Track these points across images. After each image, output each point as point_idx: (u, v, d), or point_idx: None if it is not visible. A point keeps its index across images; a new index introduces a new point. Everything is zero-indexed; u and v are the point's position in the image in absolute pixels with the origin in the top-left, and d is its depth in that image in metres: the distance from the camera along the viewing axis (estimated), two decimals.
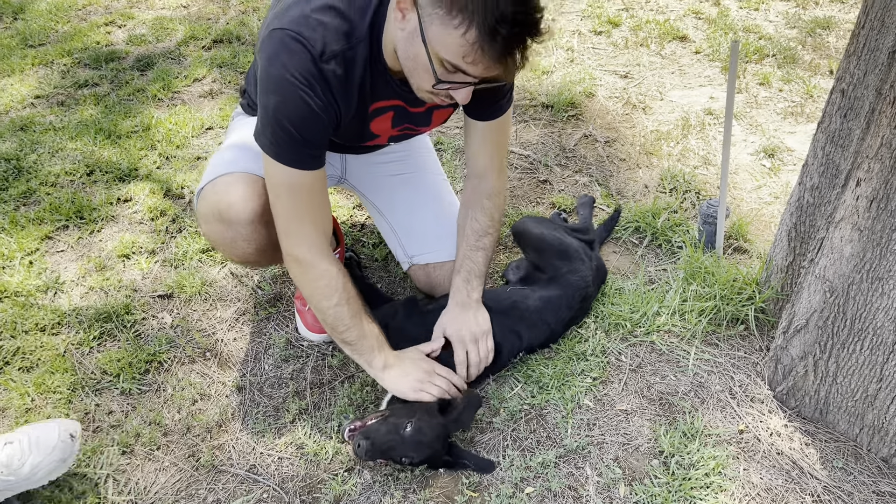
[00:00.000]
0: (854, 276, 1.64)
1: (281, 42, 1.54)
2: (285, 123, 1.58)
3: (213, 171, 1.86)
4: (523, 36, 1.37)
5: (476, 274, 1.95)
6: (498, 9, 1.32)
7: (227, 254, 1.89)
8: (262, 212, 1.78)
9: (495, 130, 1.90)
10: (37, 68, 3.73)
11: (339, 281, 1.76)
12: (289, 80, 1.54)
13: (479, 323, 1.93)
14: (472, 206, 1.97)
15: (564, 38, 3.86)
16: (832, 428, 1.87)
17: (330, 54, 1.55)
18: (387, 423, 1.73)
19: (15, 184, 2.81)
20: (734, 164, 2.88)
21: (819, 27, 3.90)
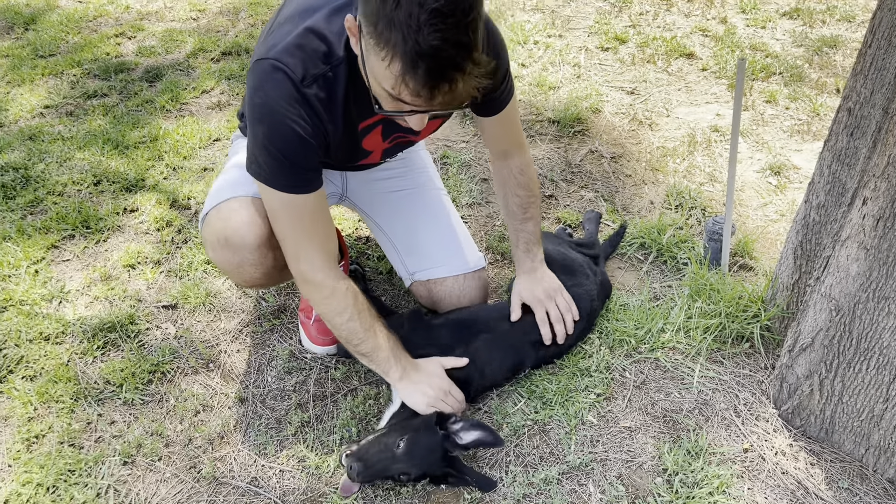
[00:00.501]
0: (860, 295, 1.64)
1: (263, 71, 1.55)
2: (274, 150, 1.59)
3: (217, 195, 1.86)
4: (445, 71, 1.33)
5: (533, 242, 2.08)
6: (419, 44, 1.28)
7: (234, 279, 1.90)
8: (268, 236, 1.78)
9: (505, 117, 1.94)
10: (47, 78, 3.75)
11: (349, 297, 1.76)
12: (273, 109, 1.55)
13: (549, 281, 2.07)
14: (508, 184, 2.04)
15: (571, 55, 3.87)
16: (838, 448, 1.85)
17: (311, 78, 1.55)
18: (379, 442, 1.72)
19: (23, 193, 2.83)
20: (740, 182, 2.87)
21: (826, 46, 3.91)
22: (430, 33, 1.27)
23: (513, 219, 2.08)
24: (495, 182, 2.11)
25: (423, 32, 1.27)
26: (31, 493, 1.77)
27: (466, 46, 1.32)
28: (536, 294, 2.03)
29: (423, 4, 1.26)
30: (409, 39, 1.28)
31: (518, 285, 2.07)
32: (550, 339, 2.01)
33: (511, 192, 2.05)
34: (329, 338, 2.13)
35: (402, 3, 1.26)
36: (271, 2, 4.62)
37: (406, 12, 1.26)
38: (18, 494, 1.77)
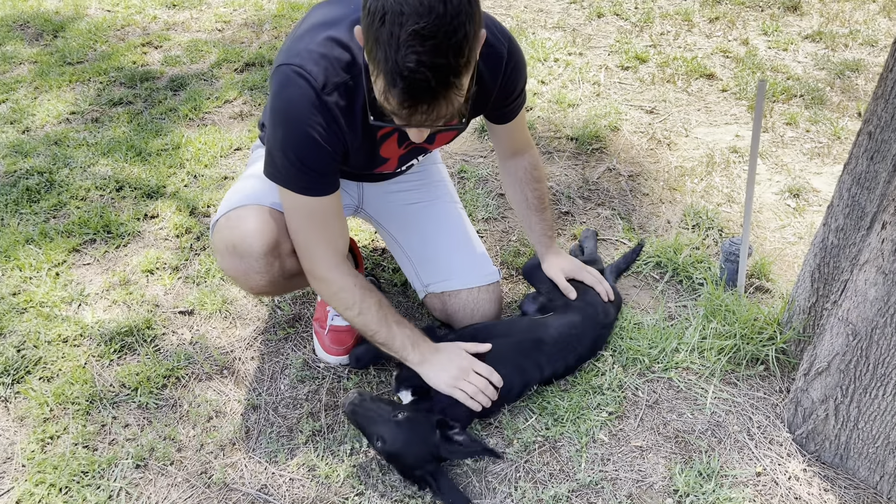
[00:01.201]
0: (878, 319, 1.62)
1: (286, 77, 1.59)
2: (291, 155, 1.62)
3: (228, 203, 1.89)
4: (420, 93, 1.33)
5: (553, 229, 2.24)
6: (397, 63, 1.29)
7: (241, 286, 1.92)
8: (275, 244, 1.81)
9: (517, 123, 2.03)
10: (74, 85, 3.82)
11: (356, 292, 1.80)
12: (293, 114, 1.59)
13: (575, 259, 2.26)
14: (523, 179, 2.14)
15: (591, 73, 3.88)
16: (852, 474, 1.83)
17: (332, 86, 1.58)
18: (386, 401, 1.81)
19: (46, 196, 2.88)
20: (758, 203, 2.86)
21: (848, 69, 3.90)
22: (408, 54, 1.28)
23: (532, 210, 2.17)
24: (507, 179, 2.19)
25: (401, 52, 1.28)
26: (43, 493, 1.79)
27: (444, 69, 1.32)
28: (571, 266, 2.20)
29: (403, 25, 1.27)
30: (390, 58, 1.30)
31: (553, 265, 2.20)
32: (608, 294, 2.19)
33: (528, 186, 2.14)
34: (342, 348, 2.14)
35: (386, 22, 1.28)
36: (295, 15, 4.68)
37: (388, 31, 1.28)
38: (31, 494, 1.79)
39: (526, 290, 2.41)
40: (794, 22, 4.55)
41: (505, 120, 1.99)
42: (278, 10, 4.74)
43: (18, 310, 2.33)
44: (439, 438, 1.76)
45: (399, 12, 1.26)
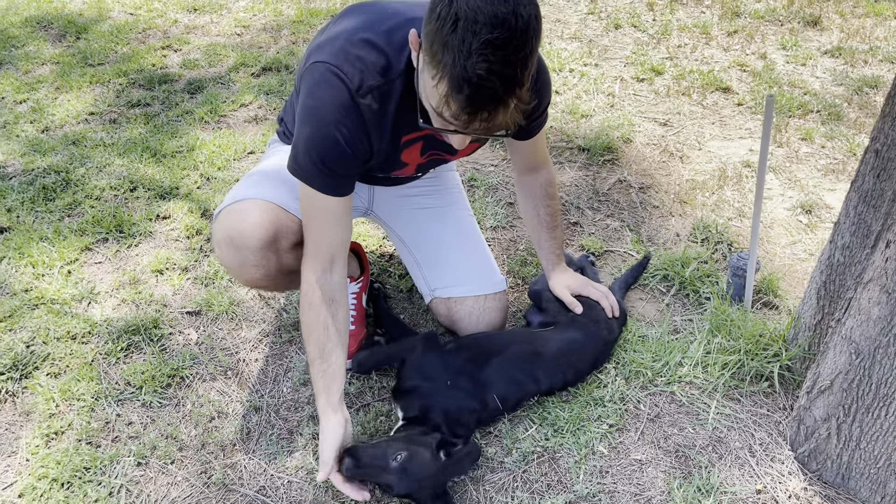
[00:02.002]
0: (881, 339, 1.61)
1: (321, 75, 1.60)
2: (314, 154, 1.64)
3: (233, 195, 1.91)
4: (485, 101, 1.36)
5: (561, 248, 2.23)
6: (466, 70, 1.31)
7: (237, 278, 1.93)
8: (273, 239, 1.83)
9: (537, 139, 2.04)
10: (93, 86, 3.88)
11: (322, 307, 1.75)
12: (323, 113, 1.60)
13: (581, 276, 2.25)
14: (538, 195, 2.14)
15: (606, 84, 3.88)
16: (853, 494, 1.81)
17: (367, 89, 1.60)
18: (379, 447, 1.73)
19: (62, 195, 2.92)
20: (770, 219, 2.84)
21: (867, 85, 3.86)
22: (479, 62, 1.31)
23: (543, 227, 2.17)
24: (522, 194, 2.19)
25: (472, 60, 1.31)
26: (45, 487, 1.81)
27: (511, 80, 1.35)
28: (577, 283, 2.20)
29: (477, 34, 1.30)
30: (459, 64, 1.32)
31: (559, 282, 2.19)
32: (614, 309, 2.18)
33: (542, 203, 2.14)
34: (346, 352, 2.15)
35: (459, 29, 1.31)
36: (313, 21, 4.73)
37: (460, 38, 1.31)
38: (33, 488, 1.81)
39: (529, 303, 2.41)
40: (813, 37, 4.52)
41: (527, 136, 1.99)
42: (297, 16, 4.79)
43: (30, 306, 2.36)
44: (443, 461, 1.75)
45: (473, 20, 1.29)
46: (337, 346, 1.77)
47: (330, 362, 1.76)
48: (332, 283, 1.78)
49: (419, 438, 1.77)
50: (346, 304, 1.83)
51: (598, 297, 2.19)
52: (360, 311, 2.25)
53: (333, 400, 1.75)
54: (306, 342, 1.78)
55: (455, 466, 1.78)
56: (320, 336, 1.75)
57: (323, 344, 1.75)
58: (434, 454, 1.74)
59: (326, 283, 1.76)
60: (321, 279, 1.76)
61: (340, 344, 1.78)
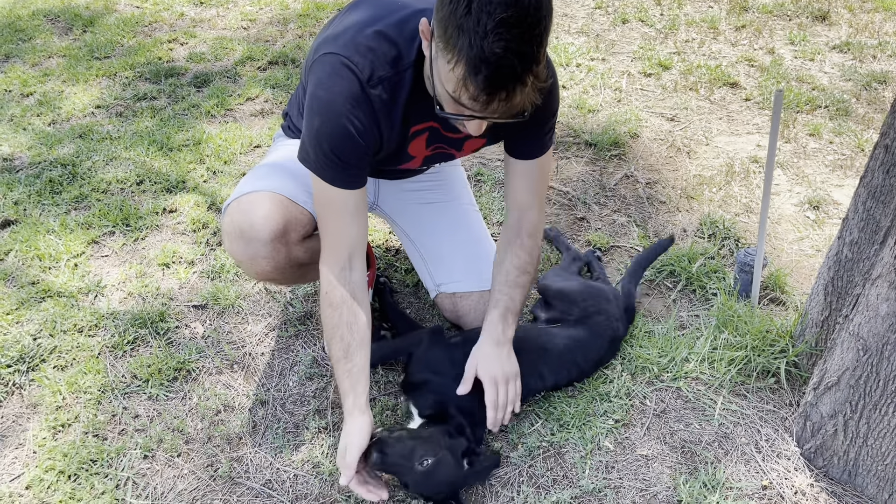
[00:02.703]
0: (889, 335, 1.60)
1: (331, 66, 1.59)
2: (325, 146, 1.63)
3: (241, 188, 1.91)
4: (505, 79, 1.35)
5: (513, 311, 1.89)
6: (483, 50, 1.31)
7: (247, 271, 1.93)
8: (283, 231, 1.82)
9: (536, 168, 1.89)
10: (100, 79, 3.88)
11: (342, 307, 1.74)
12: (333, 105, 1.59)
13: (511, 364, 1.88)
14: (513, 244, 1.93)
15: (613, 78, 3.87)
16: (860, 491, 1.80)
17: (377, 80, 1.59)
18: (407, 445, 1.72)
19: (69, 188, 2.92)
20: (777, 214, 2.83)
21: (875, 81, 3.84)
22: (495, 41, 1.31)
23: (503, 277, 1.91)
24: (502, 237, 1.98)
25: (488, 39, 1.31)
26: (52, 479, 1.82)
27: (528, 57, 1.35)
28: (494, 373, 1.84)
29: (491, 14, 1.30)
30: (475, 45, 1.32)
31: (480, 354, 1.86)
32: (495, 424, 1.85)
33: (514, 252, 1.92)
34: None
35: (473, 11, 1.31)
36: (320, 14, 4.72)
37: (475, 19, 1.31)
38: (41, 480, 1.82)
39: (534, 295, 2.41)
40: (822, 32, 4.50)
41: (530, 154, 1.87)
42: (304, 10, 4.78)
43: (36, 298, 2.37)
44: (466, 470, 1.75)
45: (487, 1, 1.30)
46: (361, 346, 1.75)
47: (355, 362, 1.73)
48: (353, 282, 1.76)
49: (447, 442, 1.76)
50: (368, 302, 1.81)
51: (501, 404, 1.84)
52: None
53: (361, 401, 1.72)
54: (329, 342, 1.76)
55: (475, 476, 1.78)
56: (344, 335, 1.73)
57: (347, 343, 1.73)
58: (459, 462, 1.74)
59: (347, 282, 1.75)
60: (341, 277, 1.74)
61: (364, 343, 1.76)
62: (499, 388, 1.83)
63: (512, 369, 1.87)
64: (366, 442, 1.69)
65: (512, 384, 1.86)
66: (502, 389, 1.84)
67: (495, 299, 1.90)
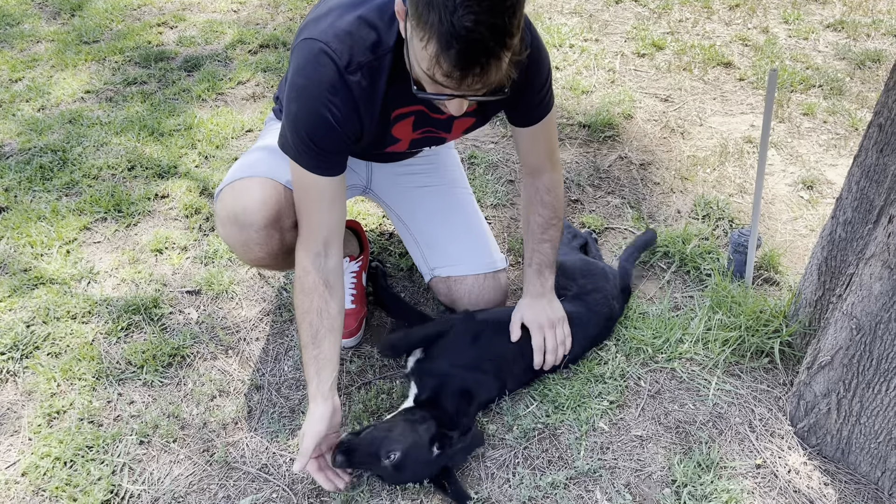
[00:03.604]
0: (882, 314, 1.61)
1: (310, 52, 1.58)
2: (303, 132, 1.63)
3: (235, 173, 1.90)
4: (477, 54, 1.34)
5: (547, 265, 2.01)
6: (453, 25, 1.29)
7: (240, 256, 1.92)
8: (277, 217, 1.82)
9: (541, 131, 1.90)
10: (89, 64, 3.84)
11: (314, 293, 1.74)
12: (311, 91, 1.58)
13: (554, 310, 2.01)
14: (533, 202, 2.00)
15: (607, 59, 3.85)
16: (853, 469, 1.82)
17: (356, 66, 1.58)
18: (373, 443, 1.72)
19: (59, 174, 2.90)
20: (771, 194, 2.83)
21: (869, 59, 3.83)
22: (465, 15, 1.29)
23: (531, 237, 2.02)
24: (522, 198, 2.06)
25: (457, 14, 1.29)
26: (48, 466, 1.82)
27: (500, 30, 1.33)
28: (540, 319, 1.99)
29: None
30: (445, 21, 1.30)
31: (523, 306, 2.02)
32: (541, 366, 1.99)
33: (535, 211, 2.00)
34: (346, 331, 2.15)
35: None
36: None
37: None
38: (36, 467, 1.82)
39: None
40: (815, 10, 4.47)
41: (529, 120, 1.87)
42: None
43: (29, 286, 2.36)
44: (436, 455, 1.75)
45: None
46: (330, 333, 1.75)
47: (322, 348, 1.74)
48: (327, 269, 1.76)
49: (415, 429, 1.76)
50: (342, 289, 1.82)
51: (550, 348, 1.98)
52: (360, 290, 2.25)
53: (324, 387, 1.73)
54: (299, 326, 1.77)
55: (449, 460, 1.77)
56: (313, 321, 1.74)
57: (316, 329, 1.74)
58: (428, 448, 1.74)
59: (321, 268, 1.75)
60: (315, 263, 1.75)
61: (334, 330, 1.77)
62: (545, 333, 1.98)
63: (556, 314, 2.01)
64: (324, 429, 1.70)
65: (560, 327, 2.01)
66: (549, 333, 1.98)
67: (528, 258, 2.03)
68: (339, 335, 1.79)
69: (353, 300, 2.20)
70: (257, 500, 1.77)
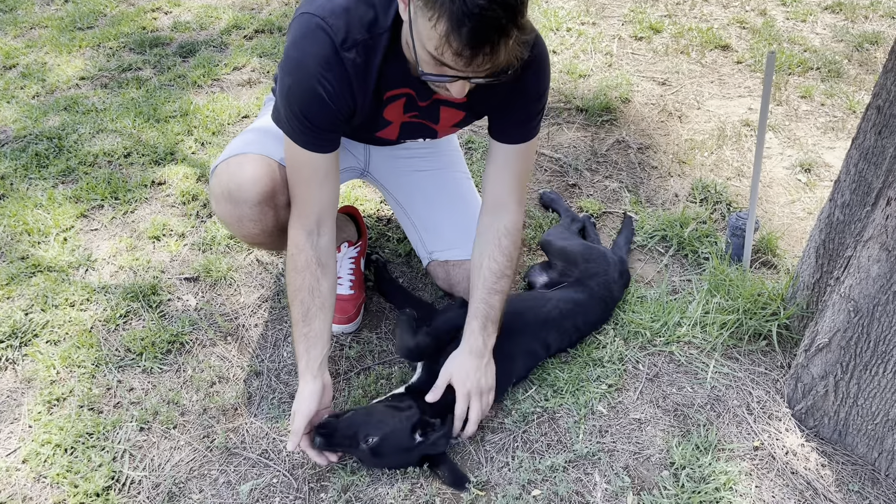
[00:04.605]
0: (880, 296, 1.61)
1: (307, 26, 1.58)
2: (295, 107, 1.62)
3: (231, 150, 1.90)
4: (489, 32, 1.34)
5: (492, 320, 1.84)
6: (465, 3, 1.30)
7: (235, 233, 1.92)
8: (271, 194, 1.81)
9: (519, 156, 1.83)
10: (84, 50, 3.82)
11: (307, 269, 1.75)
12: (305, 66, 1.58)
13: (487, 377, 1.83)
14: (489, 245, 1.86)
15: (604, 43, 3.83)
16: (850, 450, 1.83)
17: (352, 42, 1.57)
18: (352, 425, 1.72)
19: (56, 161, 2.89)
20: (768, 178, 2.83)
21: (867, 42, 3.81)
22: None
23: (482, 285, 1.84)
24: (477, 239, 1.90)
25: None
26: (49, 453, 1.83)
27: (512, 8, 1.34)
28: (469, 385, 1.79)
29: None
30: (457, 0, 1.30)
31: (457, 363, 1.81)
32: (457, 434, 1.82)
33: (490, 256, 1.85)
34: (345, 317, 2.15)
35: None
36: None
37: None
38: (37, 454, 1.83)
39: (531, 262, 2.41)
40: None
41: (515, 138, 1.80)
42: None
43: (27, 273, 2.36)
44: (417, 442, 1.75)
45: None
46: (321, 311, 1.76)
47: (312, 326, 1.75)
48: (320, 247, 1.77)
49: (397, 416, 1.76)
50: (334, 268, 1.82)
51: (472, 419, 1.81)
52: (359, 276, 2.25)
53: (313, 366, 1.74)
54: (290, 304, 1.78)
55: (430, 447, 1.77)
56: (304, 299, 1.75)
57: (307, 307, 1.75)
58: (409, 436, 1.74)
59: (314, 246, 1.76)
60: (308, 241, 1.75)
61: (325, 309, 1.77)
62: (472, 402, 1.80)
63: (487, 383, 1.83)
64: (314, 406, 1.72)
65: (485, 398, 1.82)
66: (475, 404, 1.80)
67: (474, 307, 1.85)
68: (330, 313, 1.79)
69: (352, 286, 2.20)
70: (258, 485, 1.78)
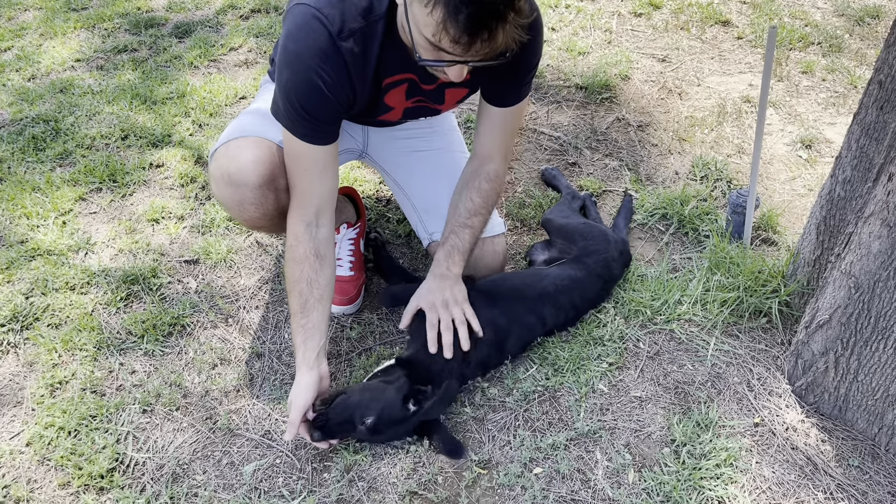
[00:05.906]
0: (881, 273, 1.61)
1: (302, 18, 1.56)
2: (294, 100, 1.62)
3: (229, 133, 1.89)
4: (486, 18, 1.33)
5: (459, 250, 1.90)
6: None
7: (236, 217, 1.92)
8: (271, 177, 1.81)
9: (509, 117, 1.88)
10: (78, 32, 3.78)
11: (301, 249, 1.76)
12: (303, 59, 1.57)
13: (454, 293, 1.87)
14: (470, 186, 1.93)
15: (603, 19, 3.79)
16: (850, 426, 1.84)
17: (348, 32, 1.56)
18: (346, 410, 1.74)
19: (52, 145, 2.88)
20: (769, 154, 2.82)
21: (868, 16, 3.78)
22: None
23: (455, 219, 1.92)
24: (460, 179, 1.98)
25: None
26: (52, 435, 1.83)
27: None
28: (433, 300, 1.86)
29: None
30: None
31: (422, 289, 1.91)
32: (436, 347, 1.84)
33: (468, 195, 1.92)
34: (345, 298, 2.15)
35: None
36: None
37: None
38: (41, 437, 1.83)
39: (531, 241, 2.40)
40: None
41: (506, 101, 1.85)
42: None
43: (26, 257, 2.35)
44: (412, 412, 1.77)
45: None
46: (319, 302, 1.77)
47: (311, 318, 1.76)
48: (319, 238, 1.77)
49: (387, 390, 1.78)
50: (333, 259, 1.83)
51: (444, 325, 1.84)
52: (359, 257, 2.24)
53: (310, 356, 1.75)
54: (289, 294, 1.79)
55: (426, 414, 1.78)
56: (303, 290, 1.76)
57: (305, 299, 1.76)
58: (402, 407, 1.76)
59: (312, 237, 1.76)
60: (307, 232, 1.76)
61: (323, 300, 1.78)
62: (440, 312, 1.84)
63: (454, 296, 1.87)
64: (310, 398, 1.73)
65: (453, 308, 1.86)
66: (443, 313, 1.84)
67: (444, 238, 1.93)
68: (328, 304, 1.81)
69: (352, 267, 2.20)
70: (261, 465, 1.79)
